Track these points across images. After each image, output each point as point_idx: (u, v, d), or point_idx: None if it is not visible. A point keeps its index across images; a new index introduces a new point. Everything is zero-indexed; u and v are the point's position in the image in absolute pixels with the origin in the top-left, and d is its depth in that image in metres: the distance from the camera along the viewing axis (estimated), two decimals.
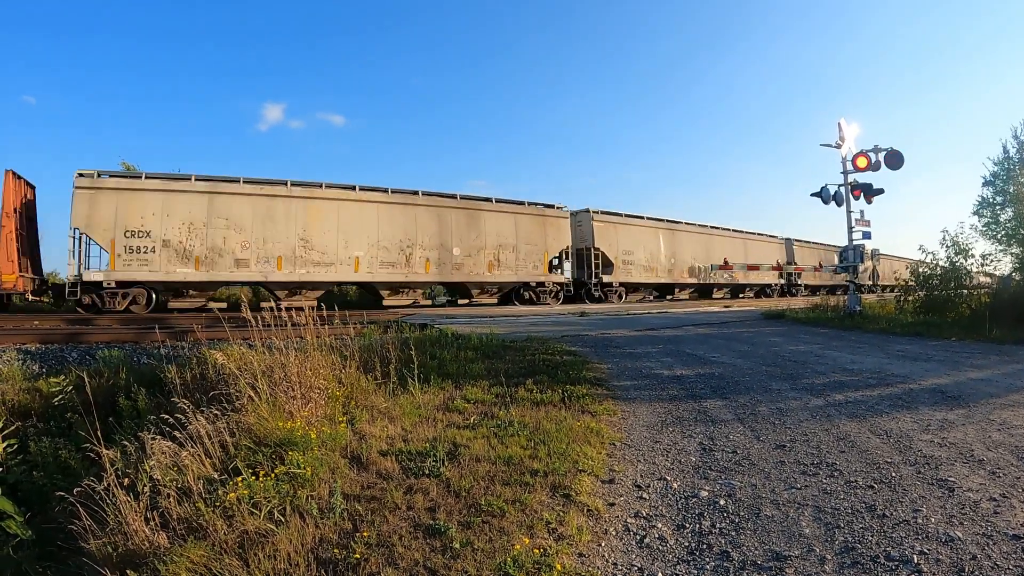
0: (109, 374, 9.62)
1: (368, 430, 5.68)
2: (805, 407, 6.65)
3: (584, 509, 4.07)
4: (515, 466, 4.78)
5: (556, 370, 8.61)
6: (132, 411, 7.35)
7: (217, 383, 6.61)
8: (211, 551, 3.54)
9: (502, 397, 7.06)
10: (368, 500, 4.21)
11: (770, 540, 3.56)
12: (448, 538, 3.60)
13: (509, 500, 4.13)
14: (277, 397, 5.71)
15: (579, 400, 6.88)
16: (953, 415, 6.23)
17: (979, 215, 23.25)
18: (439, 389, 7.45)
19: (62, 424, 7.98)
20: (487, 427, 5.87)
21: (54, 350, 11.84)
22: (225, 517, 3.83)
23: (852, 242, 18.10)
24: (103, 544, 3.77)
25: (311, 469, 4.49)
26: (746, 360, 9.88)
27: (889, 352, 10.83)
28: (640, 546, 3.59)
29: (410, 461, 4.91)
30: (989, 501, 4.02)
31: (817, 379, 8.22)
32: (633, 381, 8.30)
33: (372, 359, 7.72)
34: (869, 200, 17.79)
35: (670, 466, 4.94)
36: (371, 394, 6.81)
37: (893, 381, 8.00)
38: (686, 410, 6.67)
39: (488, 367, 8.87)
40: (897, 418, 6.12)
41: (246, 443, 4.92)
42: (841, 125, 18.08)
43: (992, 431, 5.65)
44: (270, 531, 3.68)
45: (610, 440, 5.61)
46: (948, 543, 3.43)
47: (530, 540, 3.55)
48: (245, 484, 4.07)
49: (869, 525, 3.71)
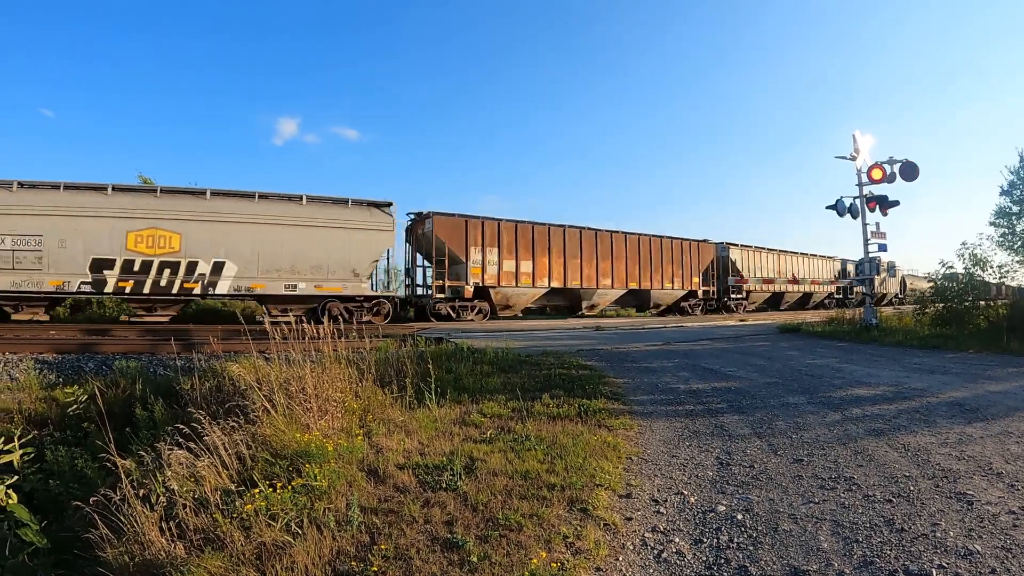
0: (126, 384, 9.69)
1: (385, 443, 5.68)
2: (822, 421, 6.61)
3: (601, 523, 4.06)
4: (532, 480, 4.77)
5: (572, 384, 8.61)
6: (149, 422, 7.38)
7: (233, 395, 6.64)
8: (228, 562, 3.55)
9: (518, 411, 7.05)
10: (385, 513, 4.21)
11: (788, 555, 3.53)
12: (466, 552, 3.60)
13: (526, 514, 4.12)
14: (293, 410, 5.73)
15: (596, 414, 6.87)
16: (971, 428, 6.18)
17: (995, 225, 23.06)
18: (455, 403, 7.45)
19: (78, 433, 8.04)
20: (504, 441, 5.87)
21: (70, 360, 11.94)
22: (242, 528, 3.85)
23: (868, 255, 17.97)
24: (120, 553, 3.79)
25: (328, 481, 4.50)
26: (762, 374, 9.84)
27: (906, 365, 10.75)
28: (658, 561, 3.57)
29: (427, 475, 4.92)
30: (1008, 514, 3.99)
31: (834, 393, 8.17)
32: (649, 395, 8.28)
33: (388, 372, 7.74)
34: (884, 212, 17.66)
35: (687, 480, 4.92)
36: (388, 407, 6.82)
37: (910, 394, 7.94)
38: (703, 424, 6.64)
39: (504, 381, 8.87)
40: (915, 432, 6.07)
41: (263, 455, 4.94)
42: (856, 137, 18.00)
43: (1011, 444, 5.60)
44: (287, 543, 3.69)
45: (627, 454, 5.59)
46: (967, 557, 3.40)
47: (547, 554, 3.54)
48: (262, 496, 4.09)
49: (888, 539, 3.68)
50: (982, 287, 16.69)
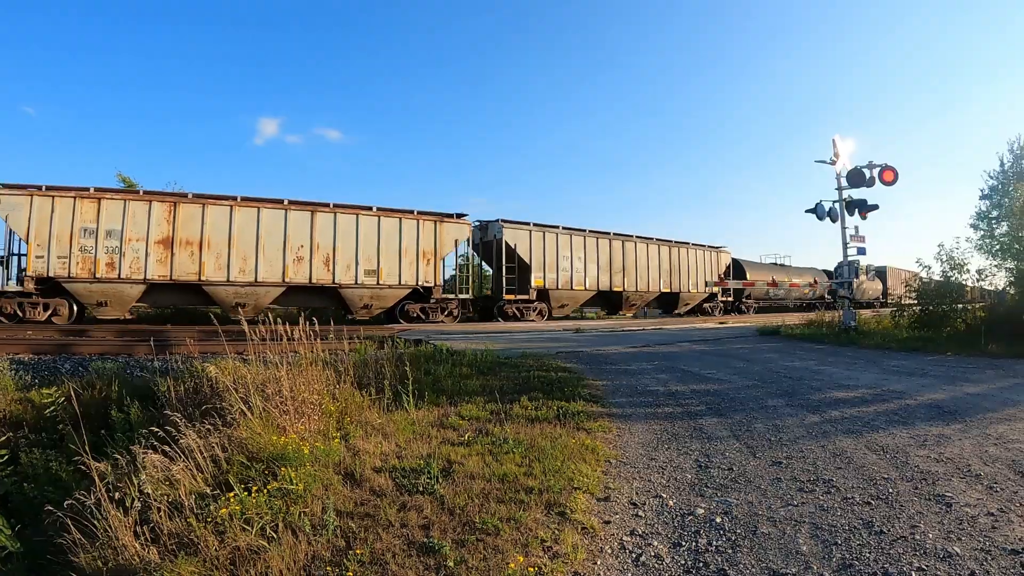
0: (102, 386, 9.56)
1: (362, 446, 5.63)
2: (801, 423, 6.63)
3: (579, 527, 4.03)
4: (510, 483, 4.74)
5: (551, 386, 8.59)
6: (125, 424, 7.27)
7: (211, 397, 6.57)
8: (202, 567, 3.50)
9: (497, 414, 7.00)
10: (361, 517, 4.16)
11: (767, 558, 3.52)
12: (442, 556, 3.56)
13: (504, 518, 4.08)
14: (270, 412, 5.66)
15: (574, 417, 6.84)
16: (950, 430, 6.22)
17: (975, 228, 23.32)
18: (434, 405, 7.40)
19: (54, 436, 7.91)
20: (482, 444, 5.83)
21: (47, 361, 11.77)
22: (217, 533, 3.79)
23: (847, 258, 18.11)
24: (93, 558, 3.73)
25: (304, 485, 4.44)
26: (742, 377, 9.87)
27: (885, 368, 10.83)
28: (636, 564, 3.55)
29: (404, 478, 4.87)
30: (987, 516, 4.01)
31: (813, 395, 8.21)
32: (628, 398, 8.27)
33: (367, 374, 7.68)
34: (864, 216, 17.81)
35: (666, 483, 4.91)
36: (365, 410, 6.76)
37: (889, 397, 7.99)
38: (682, 427, 6.64)
39: (483, 384, 8.83)
40: (893, 434, 6.11)
41: (239, 458, 4.88)
42: (835, 142, 18.15)
43: (989, 446, 5.64)
44: (262, 547, 3.64)
45: (605, 457, 5.57)
46: (946, 559, 3.41)
47: (525, 558, 3.51)
48: (237, 500, 4.03)
49: (867, 542, 3.69)
50: (959, 290, 16.81)
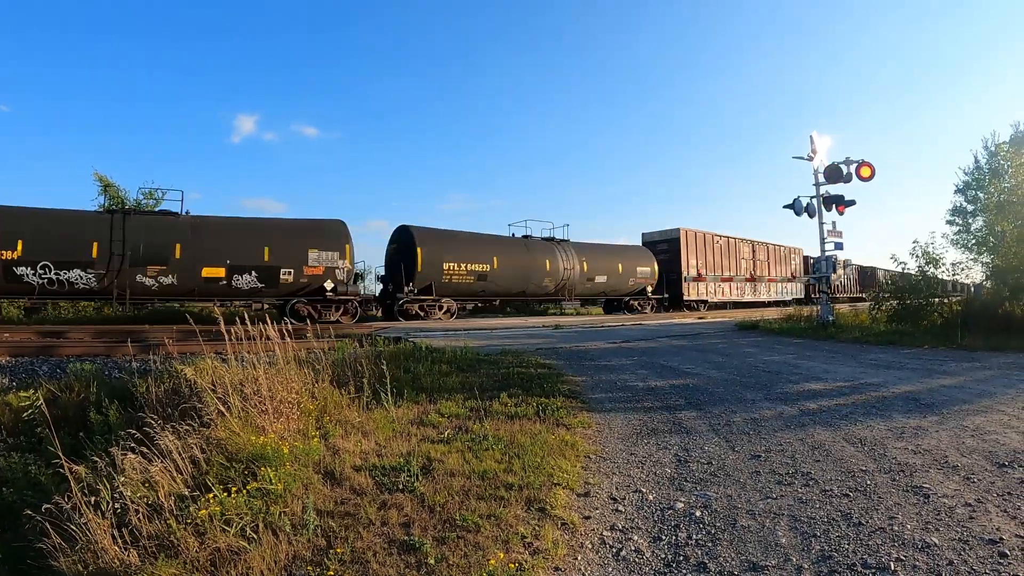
0: (80, 388, 9.45)
1: (342, 445, 5.61)
2: (779, 417, 6.69)
3: (560, 523, 4.04)
4: (490, 480, 4.74)
5: (531, 383, 8.57)
6: (103, 426, 7.20)
7: (189, 397, 6.52)
8: (182, 569, 3.48)
9: (476, 411, 6.99)
10: (342, 516, 4.15)
11: (747, 550, 3.55)
12: (423, 554, 3.56)
13: (484, 515, 4.09)
14: (249, 412, 5.62)
15: (554, 413, 6.84)
16: (927, 422, 6.30)
17: (951, 223, 23.62)
18: (413, 403, 7.37)
19: (32, 439, 7.82)
20: (462, 441, 5.82)
21: (24, 363, 11.63)
22: (197, 534, 3.77)
23: (824, 253, 18.28)
24: (72, 563, 3.70)
25: (283, 485, 4.42)
26: (720, 371, 9.93)
27: (862, 361, 10.94)
28: (616, 559, 3.57)
29: (384, 476, 4.85)
30: (964, 507, 4.06)
31: (791, 389, 8.28)
32: (608, 393, 8.30)
33: (345, 373, 7.65)
34: (841, 211, 17.98)
35: (645, 478, 4.93)
36: (345, 408, 6.72)
37: (867, 390, 8.07)
38: (661, 422, 6.67)
39: (462, 381, 8.80)
40: (871, 426, 6.17)
41: (218, 459, 4.84)
42: (813, 138, 18.29)
43: (966, 437, 5.71)
44: (242, 548, 3.62)
45: (585, 453, 5.59)
46: (925, 549, 3.45)
47: (505, 555, 3.52)
48: (217, 501, 4.00)
49: (845, 533, 3.73)
50: (936, 284, 17.00)
